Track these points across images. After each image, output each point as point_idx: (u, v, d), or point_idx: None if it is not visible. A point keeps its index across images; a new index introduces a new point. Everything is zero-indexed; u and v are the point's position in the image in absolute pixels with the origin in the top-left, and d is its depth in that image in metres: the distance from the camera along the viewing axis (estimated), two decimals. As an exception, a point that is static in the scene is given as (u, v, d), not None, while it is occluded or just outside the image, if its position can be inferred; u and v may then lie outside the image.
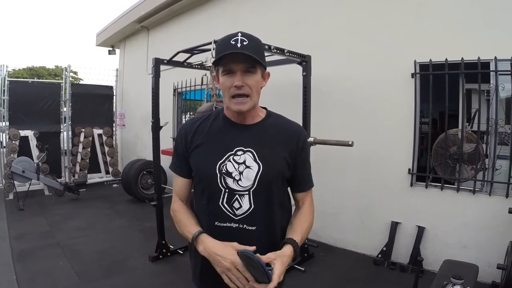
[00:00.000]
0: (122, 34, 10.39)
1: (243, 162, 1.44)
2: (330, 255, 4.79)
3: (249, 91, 1.39)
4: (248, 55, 1.33)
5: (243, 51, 1.33)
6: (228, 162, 1.44)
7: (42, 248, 4.77)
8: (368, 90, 4.67)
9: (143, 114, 8.55)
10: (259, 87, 1.45)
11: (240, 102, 1.40)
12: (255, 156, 1.44)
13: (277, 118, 1.59)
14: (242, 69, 1.37)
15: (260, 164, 1.43)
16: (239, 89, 1.37)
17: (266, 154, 1.45)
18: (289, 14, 5.58)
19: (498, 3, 3.72)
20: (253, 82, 1.39)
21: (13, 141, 7.77)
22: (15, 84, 8.60)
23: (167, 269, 4.34)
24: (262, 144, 1.47)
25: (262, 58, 1.42)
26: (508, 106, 3.89)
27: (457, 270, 2.67)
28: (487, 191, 3.86)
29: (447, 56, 4.01)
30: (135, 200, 7.50)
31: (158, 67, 4.53)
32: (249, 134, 1.49)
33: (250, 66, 1.37)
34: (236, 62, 1.36)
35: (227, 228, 1.45)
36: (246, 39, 1.37)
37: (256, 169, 1.43)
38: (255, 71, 1.39)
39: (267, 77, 1.50)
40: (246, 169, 1.43)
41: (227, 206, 1.44)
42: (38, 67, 32.18)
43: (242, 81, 1.36)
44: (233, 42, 1.35)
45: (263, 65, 1.42)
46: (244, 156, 1.44)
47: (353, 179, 4.87)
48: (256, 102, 1.45)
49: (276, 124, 1.55)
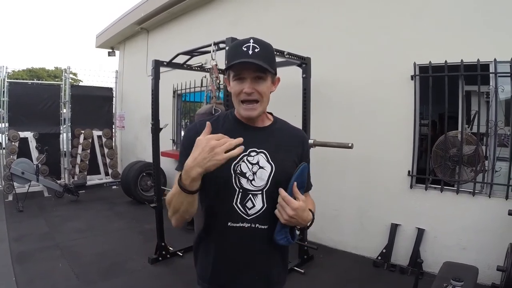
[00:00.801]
0: (121, 36, 10.40)
1: (256, 163, 1.45)
2: (330, 257, 4.79)
3: (258, 97, 1.41)
4: (260, 66, 1.35)
5: (254, 59, 1.35)
6: (242, 162, 1.44)
7: (41, 250, 4.76)
8: (367, 92, 4.67)
9: (143, 115, 8.55)
10: (268, 93, 1.47)
11: (250, 108, 1.43)
12: (268, 158, 1.46)
13: (282, 124, 1.63)
14: (252, 76, 1.39)
15: (273, 165, 1.46)
16: (249, 95, 1.40)
17: (278, 156, 1.48)
18: (289, 16, 5.59)
19: (498, 5, 3.73)
20: (263, 89, 1.41)
21: (12, 143, 7.77)
22: (15, 85, 8.61)
23: (167, 271, 4.33)
24: (273, 147, 1.49)
25: (273, 65, 1.43)
26: (507, 108, 3.89)
27: (457, 272, 2.68)
28: (487, 193, 3.86)
29: (447, 58, 4.02)
30: (135, 202, 7.49)
31: (158, 69, 4.53)
32: (261, 136, 1.51)
33: (260, 74, 1.39)
34: (246, 69, 1.38)
35: (239, 228, 1.45)
36: (258, 46, 1.38)
37: (269, 169, 1.45)
38: (265, 78, 1.41)
39: (277, 82, 1.52)
40: (259, 169, 1.45)
41: (240, 206, 1.44)
42: (38, 69, 32.15)
43: (252, 87, 1.39)
44: (245, 49, 1.37)
45: (274, 72, 1.44)
46: (258, 157, 1.46)
47: (352, 181, 4.87)
48: (265, 107, 1.48)
49: (283, 129, 1.60)
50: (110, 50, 11.36)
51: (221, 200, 1.47)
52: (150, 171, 7.14)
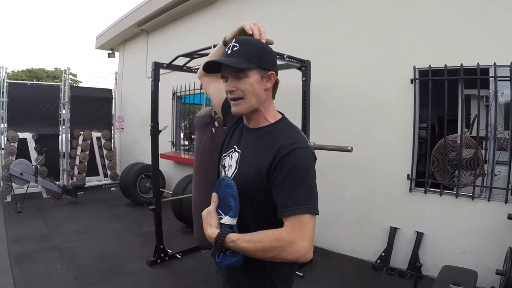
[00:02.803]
0: (121, 37, 10.39)
1: (231, 160, 1.49)
2: (329, 260, 4.78)
3: (241, 94, 1.40)
4: (227, 65, 1.38)
5: (228, 58, 1.39)
6: (227, 156, 1.53)
7: (39, 251, 4.75)
8: (367, 95, 4.67)
9: (142, 117, 8.54)
10: (258, 89, 1.40)
11: (235, 104, 1.43)
12: (238, 158, 1.46)
13: (281, 127, 1.45)
14: (232, 75, 1.40)
15: (236, 166, 1.45)
16: (231, 93, 1.42)
17: (243, 159, 1.44)
18: (290, 20, 5.59)
19: (498, 9, 3.74)
20: (245, 86, 1.38)
21: (11, 143, 7.76)
22: (14, 86, 8.61)
23: (165, 273, 4.32)
24: (248, 149, 1.46)
25: (254, 60, 1.37)
26: (507, 112, 3.89)
27: (456, 275, 2.68)
28: (486, 196, 3.86)
29: (447, 62, 4.02)
30: (133, 204, 7.47)
31: (157, 71, 4.53)
32: (247, 137, 1.50)
33: (238, 72, 1.37)
34: (225, 69, 1.41)
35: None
36: (238, 44, 1.39)
37: (233, 170, 1.46)
38: (246, 75, 1.38)
39: (273, 77, 1.44)
40: (230, 167, 1.48)
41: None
42: (38, 69, 32.15)
43: (233, 85, 1.40)
44: (227, 50, 1.42)
45: (259, 67, 1.39)
46: (233, 154, 1.50)
47: (352, 184, 4.87)
48: (254, 104, 1.42)
49: (274, 132, 1.42)
50: (110, 52, 11.35)
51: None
52: (149, 173, 7.13)
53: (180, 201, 5.60)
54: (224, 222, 1.33)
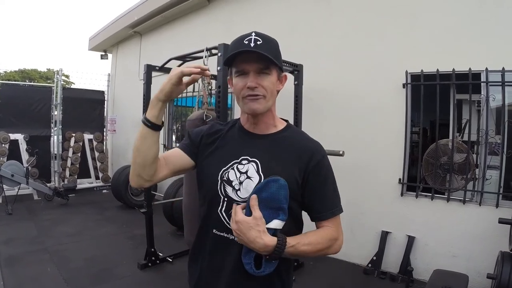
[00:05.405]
0: (114, 39, 10.35)
1: (245, 172, 1.33)
2: (320, 264, 4.77)
3: (263, 92, 1.29)
4: (262, 55, 1.24)
5: (256, 50, 1.24)
6: (231, 170, 1.35)
7: (30, 254, 4.70)
8: (359, 99, 4.69)
9: (134, 119, 8.49)
10: (275, 90, 1.34)
11: (254, 100, 1.29)
12: (259, 168, 1.32)
13: (294, 132, 1.45)
14: (256, 70, 1.27)
15: (262, 177, 1.30)
16: (252, 90, 1.28)
17: (272, 167, 1.31)
18: (282, 23, 5.59)
19: (489, 14, 3.77)
20: (268, 84, 1.29)
21: (2, 145, 7.69)
22: (6, 86, 8.60)
23: (156, 277, 4.29)
24: (269, 156, 1.34)
25: (278, 59, 1.31)
26: (498, 117, 3.92)
27: (447, 279, 2.68)
28: (477, 201, 3.88)
29: (439, 67, 4.05)
30: (125, 207, 7.43)
31: (150, 74, 4.52)
32: (258, 144, 1.38)
33: (264, 67, 1.28)
34: (249, 62, 1.27)
35: (223, 238, 1.34)
36: (260, 38, 1.27)
37: (257, 181, 1.30)
38: (270, 72, 1.29)
39: (284, 79, 1.39)
40: (246, 179, 1.32)
41: (225, 214, 1.34)
42: (30, 70, 31.98)
43: (256, 81, 1.27)
44: (246, 42, 1.26)
45: (279, 67, 1.32)
46: (248, 166, 1.33)
47: (343, 188, 4.78)
48: (270, 105, 1.35)
49: (291, 138, 1.40)
50: (103, 53, 11.31)
51: (209, 204, 1.40)
52: (141, 175, 7.07)
53: (171, 204, 5.58)
54: (271, 227, 1.22)
